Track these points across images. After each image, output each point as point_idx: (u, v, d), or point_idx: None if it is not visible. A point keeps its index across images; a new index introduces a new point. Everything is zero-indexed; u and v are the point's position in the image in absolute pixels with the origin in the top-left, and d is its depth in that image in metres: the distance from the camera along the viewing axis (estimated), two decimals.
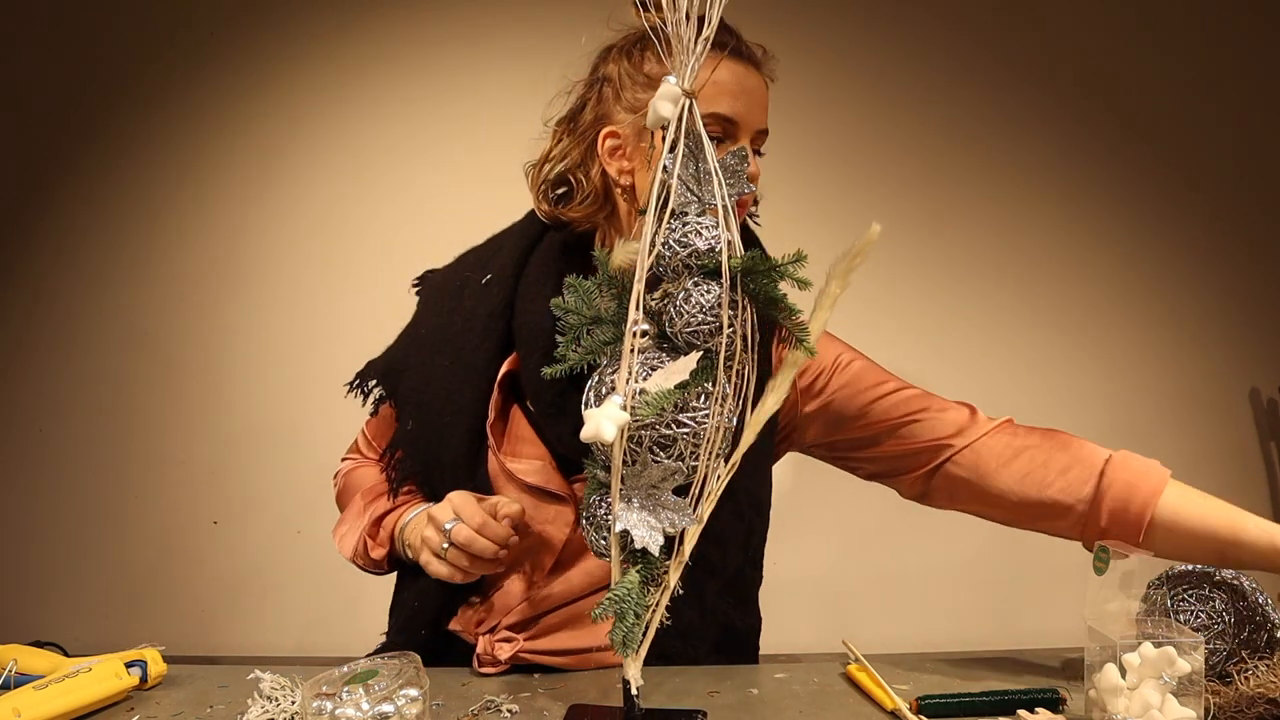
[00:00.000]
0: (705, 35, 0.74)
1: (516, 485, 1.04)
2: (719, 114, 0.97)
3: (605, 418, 0.74)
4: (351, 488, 1.18)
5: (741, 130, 0.98)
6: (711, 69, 0.95)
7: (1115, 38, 2.13)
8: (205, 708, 0.93)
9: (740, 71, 0.99)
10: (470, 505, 0.96)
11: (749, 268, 0.76)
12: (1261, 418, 2.16)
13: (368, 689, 0.81)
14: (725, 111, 0.97)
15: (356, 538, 1.11)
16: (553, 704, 0.92)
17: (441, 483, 1.05)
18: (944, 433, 1.07)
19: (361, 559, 1.11)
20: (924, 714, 0.87)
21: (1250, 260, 2.16)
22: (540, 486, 1.03)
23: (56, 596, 2.11)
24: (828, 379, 1.08)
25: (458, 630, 1.07)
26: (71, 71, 2.12)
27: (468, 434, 1.05)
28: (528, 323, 1.03)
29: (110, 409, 2.12)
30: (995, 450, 1.05)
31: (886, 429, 1.07)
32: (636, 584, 0.78)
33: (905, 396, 1.09)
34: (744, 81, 0.98)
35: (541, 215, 1.09)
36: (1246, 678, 0.82)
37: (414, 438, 1.09)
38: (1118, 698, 0.79)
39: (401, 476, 1.10)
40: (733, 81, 0.97)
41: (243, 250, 2.11)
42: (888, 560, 2.11)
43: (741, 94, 0.98)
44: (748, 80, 0.99)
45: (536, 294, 1.03)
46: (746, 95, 0.98)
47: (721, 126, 0.98)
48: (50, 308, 2.13)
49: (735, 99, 0.97)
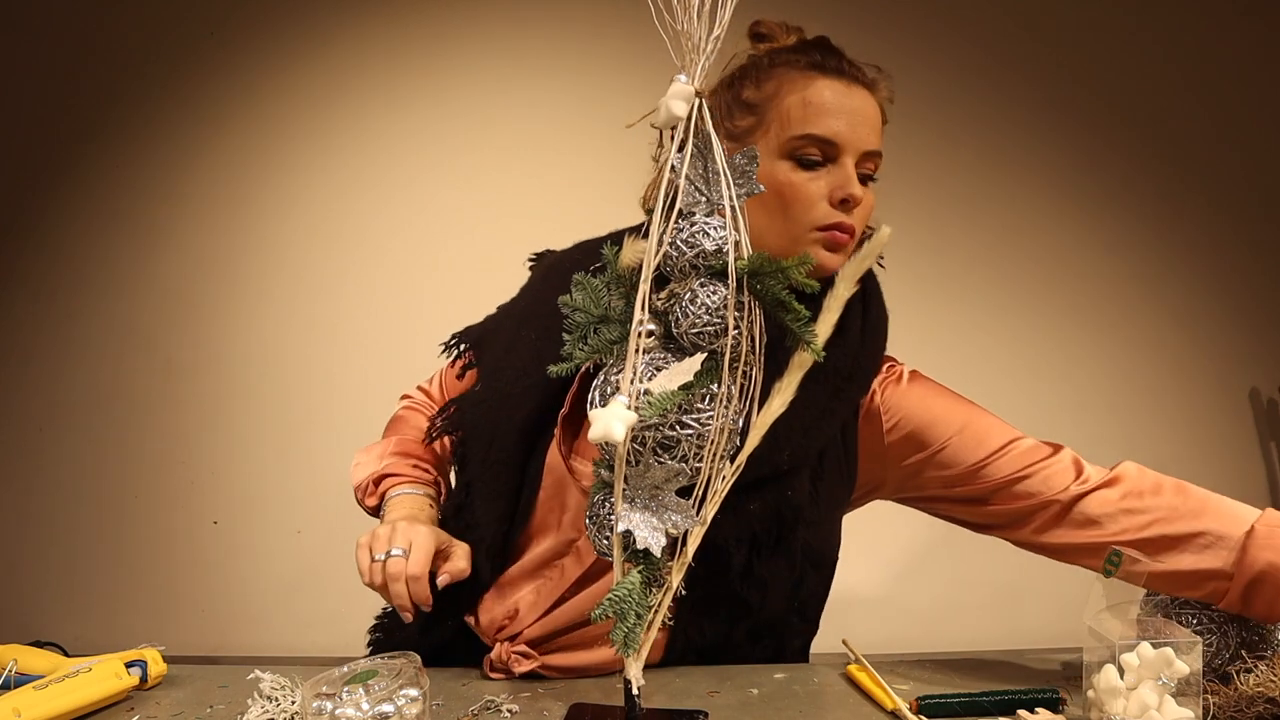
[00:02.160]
0: (716, 34, 0.74)
1: (576, 487, 0.99)
2: (813, 134, 0.93)
3: (615, 418, 0.74)
4: (395, 426, 1.16)
5: (844, 152, 0.94)
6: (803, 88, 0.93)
7: (1115, 37, 2.13)
8: (205, 708, 0.93)
9: (841, 90, 0.94)
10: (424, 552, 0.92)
11: (756, 269, 0.76)
12: (1261, 418, 2.16)
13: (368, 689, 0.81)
14: (821, 132, 0.93)
15: (366, 475, 1.09)
16: (553, 704, 0.92)
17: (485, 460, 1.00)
18: (1050, 491, 0.97)
19: (360, 493, 1.10)
20: (924, 714, 0.87)
21: (1250, 260, 2.16)
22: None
23: (56, 596, 2.11)
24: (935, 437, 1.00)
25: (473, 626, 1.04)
26: (71, 72, 2.12)
27: (533, 413, 1.00)
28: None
29: (110, 409, 2.11)
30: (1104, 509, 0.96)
31: (993, 488, 0.98)
32: (638, 584, 0.78)
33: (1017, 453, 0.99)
34: (846, 101, 0.94)
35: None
36: (1246, 678, 0.83)
37: (479, 400, 1.04)
38: (1116, 698, 0.79)
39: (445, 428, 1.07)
40: (833, 101, 0.93)
41: (243, 250, 2.11)
42: (888, 560, 2.11)
43: (843, 113, 0.94)
44: (850, 100, 0.94)
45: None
46: (849, 115, 0.94)
47: (819, 148, 0.94)
48: (50, 308, 2.13)
49: (836, 118, 0.93)
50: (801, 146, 0.94)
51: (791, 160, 0.94)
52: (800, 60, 0.96)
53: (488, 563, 1.00)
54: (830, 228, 0.94)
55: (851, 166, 0.94)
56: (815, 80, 0.94)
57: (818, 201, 0.94)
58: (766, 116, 0.96)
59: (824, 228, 0.94)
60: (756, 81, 0.97)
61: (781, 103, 0.95)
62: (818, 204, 0.94)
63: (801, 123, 0.93)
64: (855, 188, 0.94)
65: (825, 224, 0.94)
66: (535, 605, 1.01)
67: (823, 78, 0.94)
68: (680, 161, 0.76)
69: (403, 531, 0.94)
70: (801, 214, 0.94)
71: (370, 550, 0.94)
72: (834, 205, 0.94)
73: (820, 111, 0.93)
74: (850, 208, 0.94)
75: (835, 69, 0.95)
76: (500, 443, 1.00)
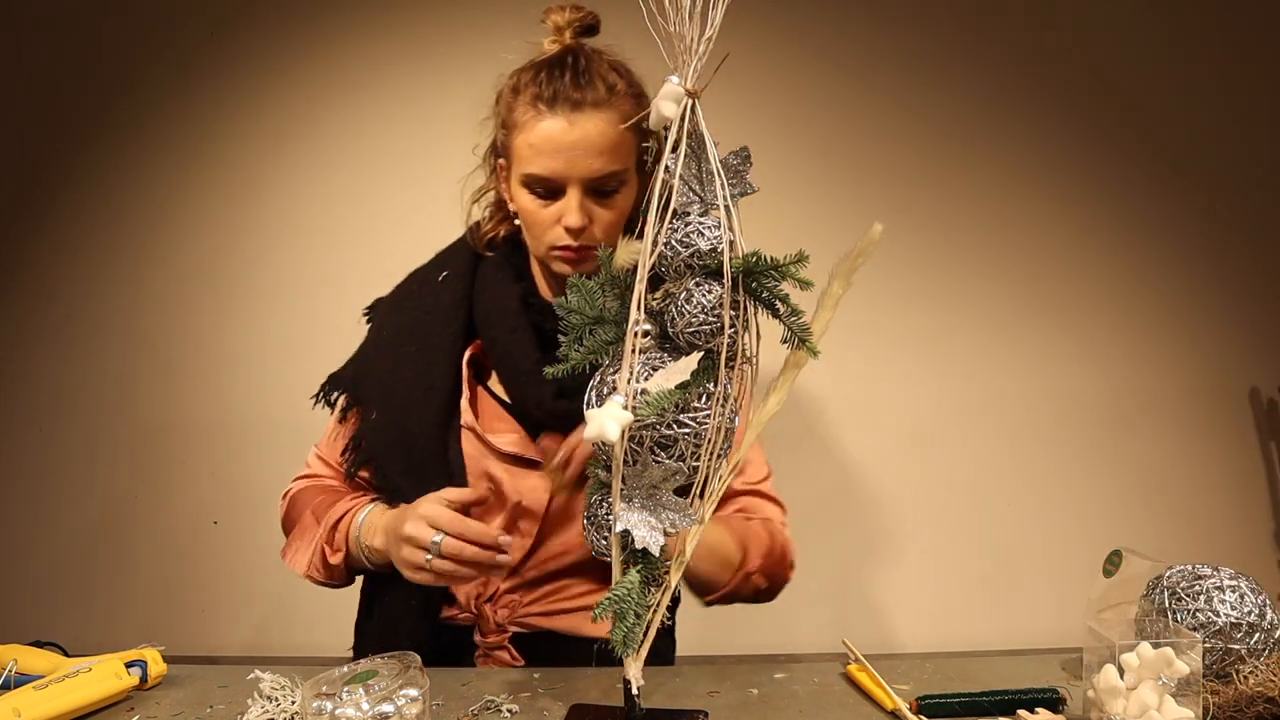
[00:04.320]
0: (708, 36, 0.74)
1: (496, 457, 1.09)
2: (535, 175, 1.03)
3: (609, 417, 0.74)
4: (299, 505, 1.19)
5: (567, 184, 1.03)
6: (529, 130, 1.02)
7: (1114, 36, 2.13)
8: (205, 708, 0.93)
9: (562, 127, 1.02)
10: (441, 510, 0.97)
11: (751, 268, 0.76)
12: (1261, 418, 2.16)
13: (368, 689, 0.81)
14: (540, 172, 1.03)
15: (312, 549, 1.12)
16: (553, 704, 0.92)
17: (408, 470, 1.09)
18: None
19: (319, 570, 1.12)
20: (924, 714, 0.87)
21: (1250, 260, 2.16)
22: (518, 454, 1.08)
23: (56, 596, 2.11)
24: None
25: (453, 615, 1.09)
26: (71, 72, 2.12)
27: (440, 410, 1.10)
28: (490, 306, 1.11)
29: (110, 409, 2.11)
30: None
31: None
32: (637, 584, 0.78)
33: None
34: (566, 138, 1.02)
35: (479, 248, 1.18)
36: (1246, 677, 0.82)
37: (379, 426, 1.13)
38: (1116, 698, 0.79)
39: (360, 460, 1.14)
40: (553, 140, 1.02)
41: (243, 250, 2.11)
42: (888, 560, 2.11)
43: (561, 152, 1.02)
44: (571, 135, 1.02)
45: (495, 281, 1.13)
46: (568, 152, 1.02)
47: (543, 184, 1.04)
48: (50, 307, 2.13)
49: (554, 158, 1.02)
50: (530, 182, 1.05)
51: (527, 190, 1.06)
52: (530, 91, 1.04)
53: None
54: (562, 248, 1.06)
55: (575, 197, 1.03)
56: (540, 120, 1.03)
57: (551, 226, 1.06)
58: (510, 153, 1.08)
59: (558, 247, 1.06)
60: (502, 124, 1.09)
61: (514, 143, 1.06)
62: (551, 228, 1.06)
63: (527, 162, 1.04)
64: (573, 218, 1.03)
65: (558, 245, 1.06)
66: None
67: (547, 115, 1.02)
68: (674, 162, 0.76)
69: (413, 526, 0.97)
70: (540, 235, 1.07)
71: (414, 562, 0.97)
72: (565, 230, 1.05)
73: (540, 153, 1.03)
74: (577, 233, 1.05)
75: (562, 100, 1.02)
76: (418, 448, 1.09)
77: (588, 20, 1.09)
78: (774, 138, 2.08)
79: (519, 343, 1.08)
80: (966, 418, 2.12)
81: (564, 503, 1.09)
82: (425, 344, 1.13)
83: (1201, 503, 2.14)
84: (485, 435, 1.10)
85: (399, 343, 1.15)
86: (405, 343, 1.14)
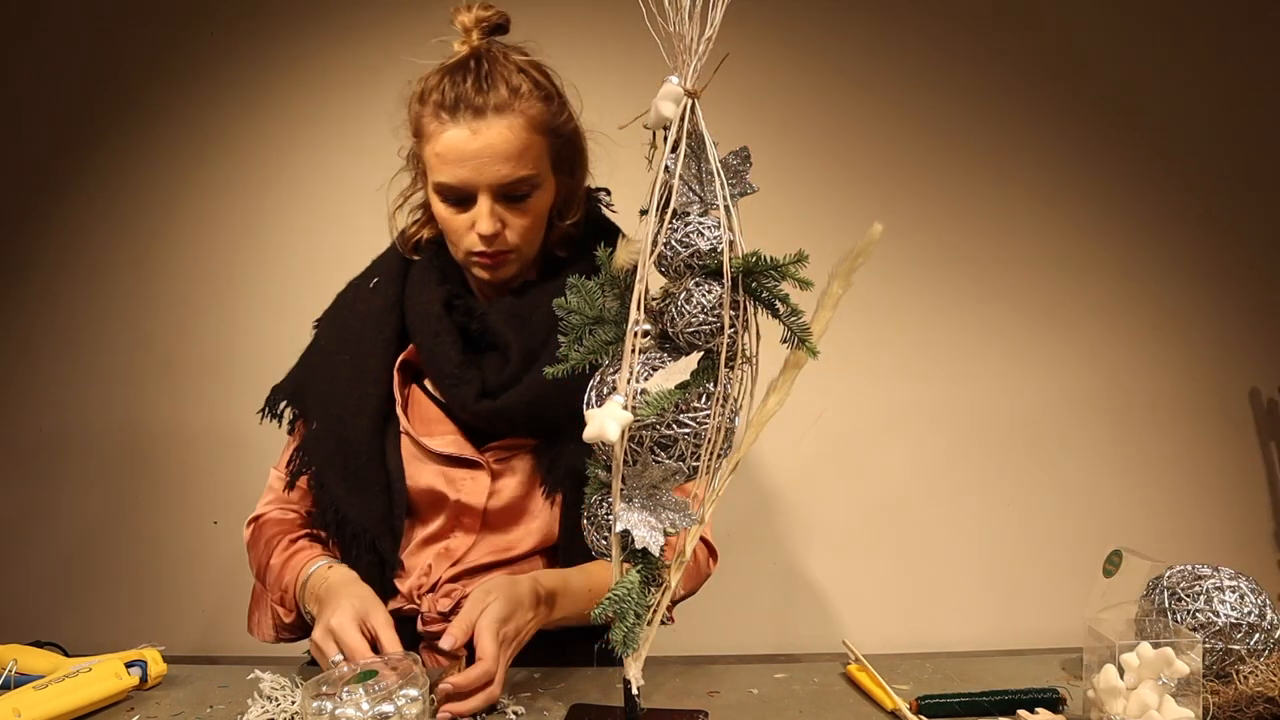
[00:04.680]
0: (708, 36, 0.74)
1: (432, 459, 1.10)
2: (444, 184, 1.03)
3: (609, 417, 0.74)
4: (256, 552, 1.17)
5: (476, 191, 1.03)
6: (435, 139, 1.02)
7: (1113, 36, 2.13)
8: (205, 708, 0.93)
9: (465, 136, 1.01)
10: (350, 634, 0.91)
11: (751, 268, 0.76)
12: (1261, 418, 2.16)
13: (368, 689, 0.81)
14: (449, 180, 1.03)
15: (270, 616, 1.13)
16: (554, 704, 0.92)
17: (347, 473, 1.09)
18: None
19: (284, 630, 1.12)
20: (924, 714, 0.87)
21: (1250, 260, 2.16)
22: (455, 455, 1.09)
23: (56, 596, 2.11)
24: None
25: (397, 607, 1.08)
26: (72, 72, 2.12)
27: (374, 416, 1.11)
28: (416, 311, 1.12)
29: (110, 409, 2.11)
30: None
31: None
32: (637, 584, 0.78)
33: None
34: (470, 145, 1.01)
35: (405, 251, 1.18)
36: (1246, 678, 0.82)
37: (320, 435, 1.13)
38: (1116, 698, 0.79)
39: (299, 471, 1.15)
40: (458, 149, 1.01)
41: (243, 249, 2.11)
42: (888, 560, 2.11)
43: (467, 160, 1.01)
44: (475, 142, 1.01)
45: (423, 286, 1.13)
46: (474, 160, 1.01)
47: (453, 192, 1.04)
48: (50, 307, 2.13)
49: (461, 166, 1.02)
50: (440, 190, 1.06)
51: (439, 197, 1.06)
52: (433, 98, 1.04)
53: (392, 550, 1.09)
54: (478, 254, 1.07)
55: (485, 203, 1.03)
56: (444, 129, 1.02)
57: (466, 233, 1.06)
58: (423, 163, 1.08)
59: (474, 254, 1.07)
60: (413, 134, 1.09)
61: (424, 152, 1.06)
62: (466, 235, 1.06)
63: (436, 171, 1.04)
64: (484, 225, 1.03)
65: (474, 251, 1.07)
66: (447, 556, 1.10)
67: (450, 125, 1.02)
68: (674, 162, 0.76)
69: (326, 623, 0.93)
70: (457, 242, 1.08)
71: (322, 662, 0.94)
72: (478, 237, 1.05)
73: (446, 162, 1.02)
74: (490, 240, 1.05)
75: (464, 107, 1.01)
76: (354, 456, 1.10)
77: (495, 19, 1.07)
78: (773, 138, 2.08)
79: (441, 346, 1.09)
80: (966, 418, 2.12)
81: (506, 501, 1.10)
82: (357, 351, 1.14)
83: (1201, 503, 2.14)
84: (419, 438, 1.11)
85: (334, 352, 1.16)
86: (340, 351, 1.15)
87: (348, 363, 1.14)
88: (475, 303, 1.13)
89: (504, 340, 1.09)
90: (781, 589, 2.12)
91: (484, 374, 1.08)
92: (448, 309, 1.11)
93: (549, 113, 1.06)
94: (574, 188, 1.14)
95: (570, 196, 1.14)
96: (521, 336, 1.08)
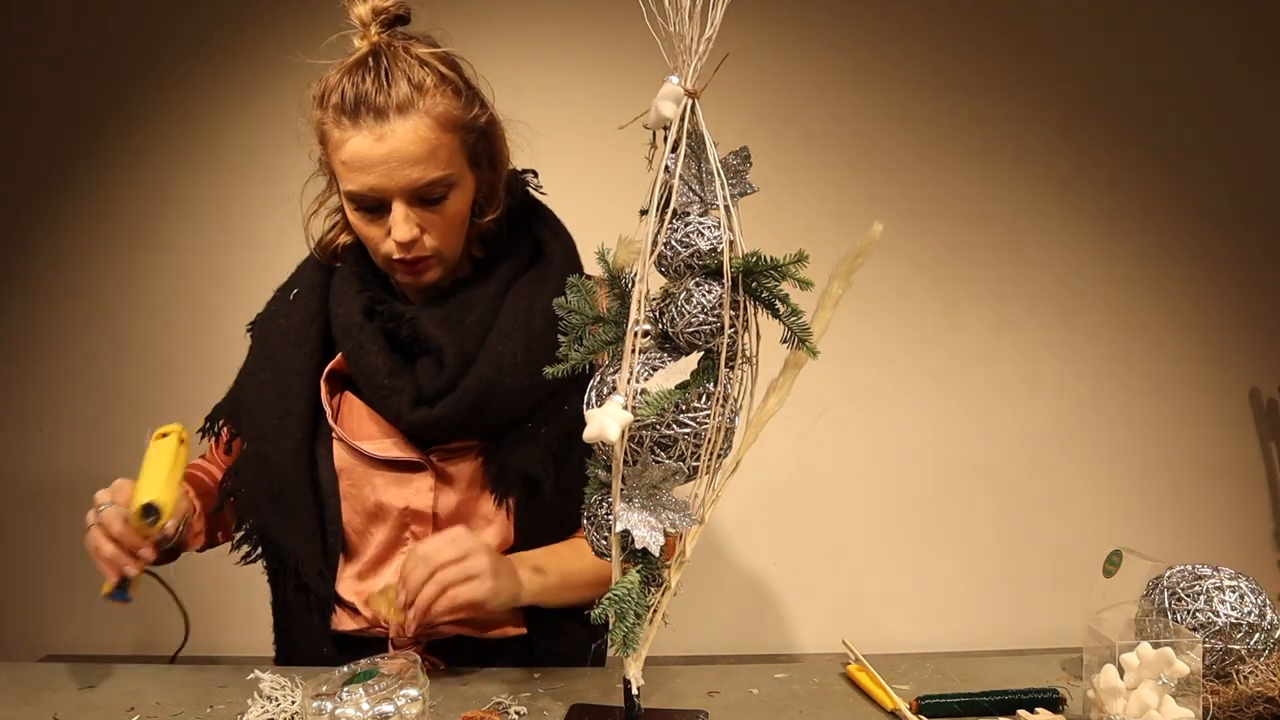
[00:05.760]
0: (708, 36, 0.74)
1: (370, 465, 1.07)
2: (354, 192, 0.98)
3: (608, 417, 0.74)
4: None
5: (389, 197, 0.98)
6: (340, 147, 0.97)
7: (1111, 37, 2.13)
8: (205, 708, 0.93)
9: (370, 141, 0.95)
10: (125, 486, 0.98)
11: (751, 268, 0.76)
12: (1261, 418, 2.16)
13: (368, 689, 0.81)
14: (359, 189, 0.97)
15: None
16: (554, 704, 0.92)
17: (274, 498, 1.07)
18: None
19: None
20: (924, 714, 0.87)
21: (1250, 260, 2.16)
22: (396, 459, 1.05)
23: (56, 596, 2.11)
24: None
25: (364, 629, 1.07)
26: (70, 71, 2.12)
27: (298, 436, 1.07)
28: (341, 321, 1.07)
29: (110, 409, 2.11)
30: None
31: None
32: (637, 584, 0.78)
33: None
34: (377, 150, 0.95)
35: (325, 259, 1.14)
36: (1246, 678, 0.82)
37: (250, 455, 1.10)
38: (1116, 698, 0.79)
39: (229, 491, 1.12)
40: (364, 155, 0.96)
41: (242, 251, 2.11)
42: (888, 560, 2.11)
43: (375, 166, 0.96)
44: (382, 146, 0.95)
45: (344, 294, 1.09)
46: (382, 165, 0.96)
47: (366, 199, 0.99)
48: (50, 307, 2.13)
49: (369, 173, 0.96)
50: (351, 199, 1.01)
51: (352, 206, 1.02)
52: (334, 100, 0.98)
53: (317, 574, 1.06)
54: (399, 261, 1.02)
55: (400, 210, 0.98)
56: (348, 137, 0.96)
57: (383, 240, 1.01)
58: (332, 173, 1.04)
59: (396, 261, 1.02)
60: (318, 141, 1.03)
61: (331, 162, 1.01)
62: (384, 242, 1.01)
63: (345, 180, 0.99)
64: (400, 232, 0.98)
65: (395, 258, 1.02)
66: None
67: (354, 132, 0.96)
68: (674, 162, 0.76)
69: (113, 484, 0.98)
70: (375, 249, 1.04)
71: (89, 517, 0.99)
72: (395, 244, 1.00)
73: (354, 169, 0.97)
74: (408, 246, 1.00)
75: (367, 109, 0.95)
76: (280, 479, 1.06)
77: (394, 10, 1.00)
78: (773, 138, 2.08)
79: (367, 356, 1.04)
80: (966, 419, 2.12)
81: (456, 503, 1.06)
82: (279, 369, 1.09)
83: (1201, 503, 2.14)
84: (356, 444, 1.06)
85: (257, 370, 1.12)
86: (262, 369, 1.12)
87: (270, 381, 1.10)
88: (402, 307, 1.07)
89: (437, 344, 1.04)
90: (781, 589, 2.13)
91: (417, 380, 1.04)
92: (370, 316, 1.06)
93: (459, 107, 0.99)
94: (494, 182, 1.08)
95: (490, 192, 1.08)
96: (455, 339, 1.03)
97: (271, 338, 1.12)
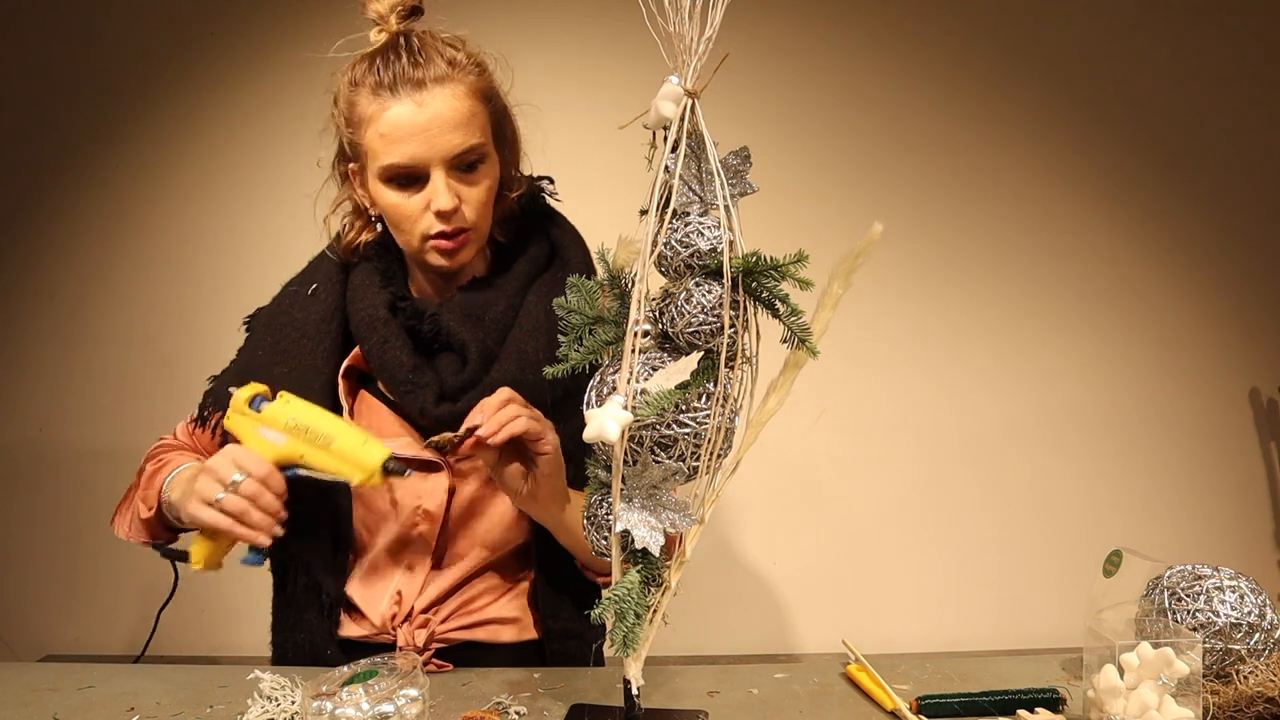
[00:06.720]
0: (708, 36, 0.74)
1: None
2: (394, 164, 0.99)
3: (608, 417, 0.74)
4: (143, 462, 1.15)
5: (429, 167, 0.99)
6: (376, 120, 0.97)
7: (1113, 37, 2.13)
8: (205, 708, 0.93)
9: (410, 110, 0.97)
10: (252, 456, 0.96)
11: (751, 268, 0.76)
12: (1261, 418, 2.16)
13: (368, 689, 0.81)
14: (399, 160, 0.98)
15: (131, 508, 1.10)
16: (554, 704, 0.92)
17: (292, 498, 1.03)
18: None
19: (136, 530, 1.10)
20: (924, 714, 0.87)
21: (1250, 260, 2.16)
22: (415, 457, 1.05)
23: (57, 596, 2.11)
24: None
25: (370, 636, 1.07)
26: (70, 71, 2.12)
27: None
28: (363, 316, 1.07)
29: (110, 409, 2.11)
30: None
31: None
32: (637, 584, 0.78)
33: None
34: (417, 119, 0.97)
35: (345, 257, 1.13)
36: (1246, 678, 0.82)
37: None
38: (1116, 698, 0.79)
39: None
40: (405, 125, 0.97)
41: (243, 249, 2.11)
42: (888, 560, 2.11)
43: (415, 135, 0.98)
44: (422, 115, 0.97)
45: (363, 289, 1.09)
46: (422, 133, 0.98)
47: (404, 171, 0.99)
48: (50, 308, 2.13)
49: (408, 143, 0.98)
50: (390, 175, 1.01)
51: (388, 183, 1.01)
52: (369, 81, 1.00)
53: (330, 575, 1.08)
54: (436, 236, 1.02)
55: (440, 179, 0.99)
56: (385, 108, 0.98)
57: (420, 216, 1.01)
58: (361, 153, 1.03)
59: (432, 236, 1.02)
60: (348, 123, 1.04)
61: (365, 139, 1.01)
62: (421, 218, 1.02)
63: (383, 154, 0.99)
64: (442, 200, 0.99)
65: (432, 233, 1.02)
66: (413, 577, 1.08)
67: (392, 101, 0.98)
68: (674, 162, 0.76)
69: (218, 462, 0.95)
70: (410, 229, 1.03)
71: (204, 496, 0.95)
72: (436, 216, 1.01)
73: (394, 140, 0.98)
74: (449, 216, 1.00)
75: (404, 82, 0.98)
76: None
77: (410, 2, 1.03)
78: (774, 138, 2.08)
79: (391, 351, 1.04)
80: (967, 419, 2.12)
81: (464, 503, 1.07)
82: (298, 364, 1.09)
83: (1201, 503, 2.14)
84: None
85: (273, 364, 1.10)
86: (278, 363, 1.10)
87: (287, 375, 1.08)
88: (423, 303, 1.09)
89: (459, 340, 1.05)
90: (781, 589, 2.13)
91: (440, 376, 1.04)
92: (394, 312, 1.07)
93: (486, 81, 1.04)
94: (513, 164, 1.11)
95: (508, 175, 1.10)
96: (478, 335, 1.05)
97: (288, 332, 1.11)
